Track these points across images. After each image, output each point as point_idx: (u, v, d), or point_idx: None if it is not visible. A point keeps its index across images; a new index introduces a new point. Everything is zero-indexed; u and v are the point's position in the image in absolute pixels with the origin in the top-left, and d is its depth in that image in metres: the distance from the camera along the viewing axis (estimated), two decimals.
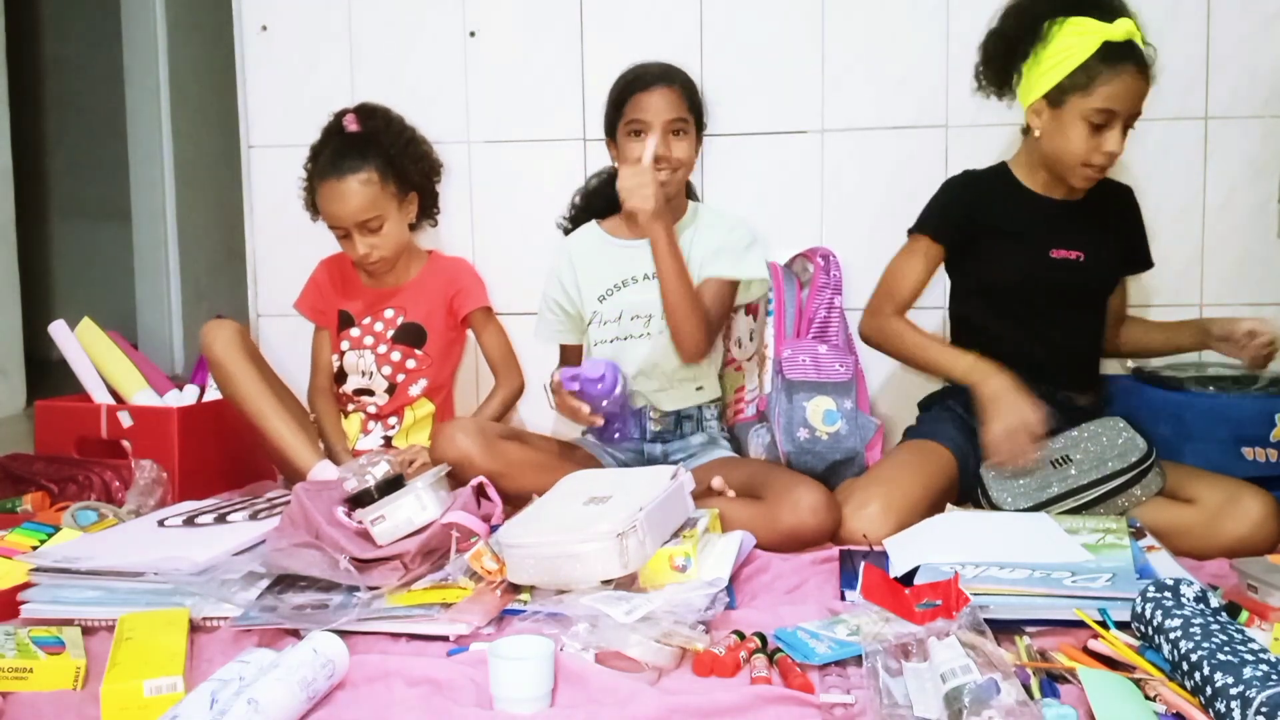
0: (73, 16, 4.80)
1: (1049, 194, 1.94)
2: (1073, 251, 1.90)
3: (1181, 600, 1.21)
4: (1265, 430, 1.92)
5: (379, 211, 2.09)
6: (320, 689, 1.17)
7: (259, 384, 2.03)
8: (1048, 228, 1.91)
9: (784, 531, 1.72)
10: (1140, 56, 1.78)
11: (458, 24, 2.40)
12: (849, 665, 1.26)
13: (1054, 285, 1.90)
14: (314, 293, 2.27)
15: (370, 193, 2.08)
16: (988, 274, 1.95)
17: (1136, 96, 1.78)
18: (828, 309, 2.16)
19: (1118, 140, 1.79)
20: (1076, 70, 1.78)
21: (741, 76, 2.30)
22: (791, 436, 2.03)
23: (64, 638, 1.33)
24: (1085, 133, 1.79)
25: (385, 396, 2.19)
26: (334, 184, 2.07)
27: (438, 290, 2.21)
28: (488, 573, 1.46)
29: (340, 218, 2.08)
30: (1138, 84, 1.77)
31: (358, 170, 2.08)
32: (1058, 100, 1.81)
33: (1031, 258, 1.90)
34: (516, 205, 2.41)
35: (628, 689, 1.17)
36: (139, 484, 2.04)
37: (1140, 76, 1.78)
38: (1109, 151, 1.79)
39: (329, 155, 2.12)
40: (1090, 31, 1.77)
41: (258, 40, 2.48)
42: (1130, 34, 1.77)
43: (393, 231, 2.13)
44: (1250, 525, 1.65)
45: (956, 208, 1.97)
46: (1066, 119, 1.81)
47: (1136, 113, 1.80)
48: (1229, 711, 1.02)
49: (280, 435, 2.01)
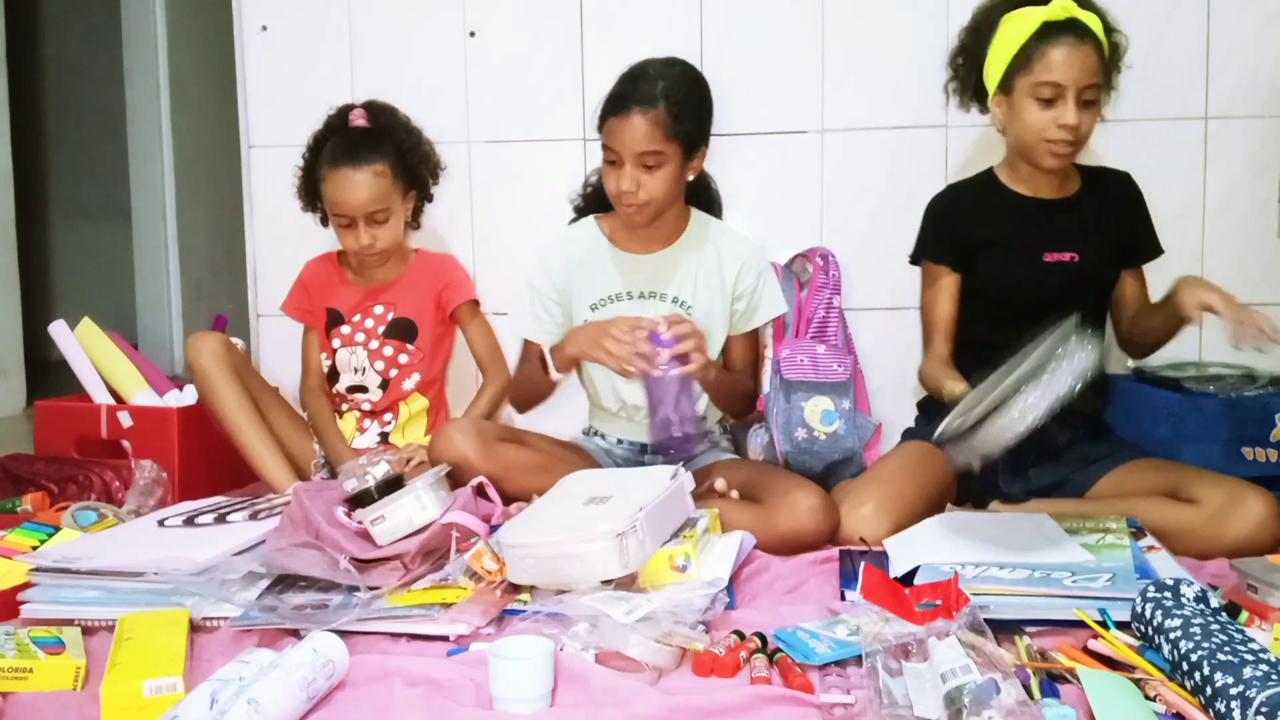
0: (73, 16, 4.80)
1: (1038, 194, 1.91)
2: (1066, 253, 1.88)
3: (1182, 600, 1.21)
4: (1265, 430, 1.92)
5: (387, 204, 2.11)
6: (320, 689, 1.17)
7: (240, 399, 2.05)
8: (1039, 231, 1.89)
9: (782, 534, 1.71)
10: (1080, 28, 1.77)
11: (458, 24, 2.40)
12: (849, 665, 1.26)
13: (1049, 289, 1.87)
14: (300, 294, 2.28)
15: (382, 185, 2.10)
16: (982, 283, 1.93)
17: (1079, 65, 1.76)
18: (826, 309, 2.16)
19: (1072, 112, 1.77)
20: (1017, 54, 1.80)
21: (741, 76, 2.30)
22: (789, 436, 2.03)
23: (64, 638, 1.33)
24: (1036, 109, 1.80)
25: (379, 392, 2.19)
26: (348, 172, 2.08)
27: (427, 285, 2.22)
28: (488, 573, 1.46)
29: (351, 206, 2.09)
30: (1077, 53, 1.76)
31: (373, 161, 2.09)
32: (1008, 87, 1.83)
33: (1024, 264, 1.89)
34: (516, 205, 2.41)
35: (628, 689, 1.17)
36: (139, 484, 2.04)
37: (1080, 45, 1.76)
38: (1065, 124, 1.78)
39: (340, 144, 2.13)
40: (1029, 17, 1.79)
41: (258, 40, 2.48)
42: (1067, 11, 1.78)
43: (395, 226, 2.14)
44: (1253, 526, 1.64)
45: (944, 227, 1.96)
46: (1018, 102, 1.82)
47: (1089, 84, 1.77)
48: (1229, 711, 1.02)
49: (256, 453, 2.04)
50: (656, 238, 1.96)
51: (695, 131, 1.87)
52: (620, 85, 1.86)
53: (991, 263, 1.91)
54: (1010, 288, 1.90)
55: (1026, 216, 1.91)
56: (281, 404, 2.21)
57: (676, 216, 1.96)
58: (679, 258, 1.96)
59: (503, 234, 2.42)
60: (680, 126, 1.82)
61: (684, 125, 1.82)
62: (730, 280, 1.96)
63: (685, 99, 1.84)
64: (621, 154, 1.82)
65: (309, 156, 2.20)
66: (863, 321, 2.26)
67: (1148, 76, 2.13)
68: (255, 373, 2.19)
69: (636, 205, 1.85)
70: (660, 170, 1.83)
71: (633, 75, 1.86)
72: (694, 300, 1.95)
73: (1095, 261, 1.90)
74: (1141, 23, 2.15)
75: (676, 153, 1.84)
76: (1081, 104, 1.77)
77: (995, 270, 1.91)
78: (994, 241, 1.90)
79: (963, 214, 1.95)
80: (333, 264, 2.27)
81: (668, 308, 1.93)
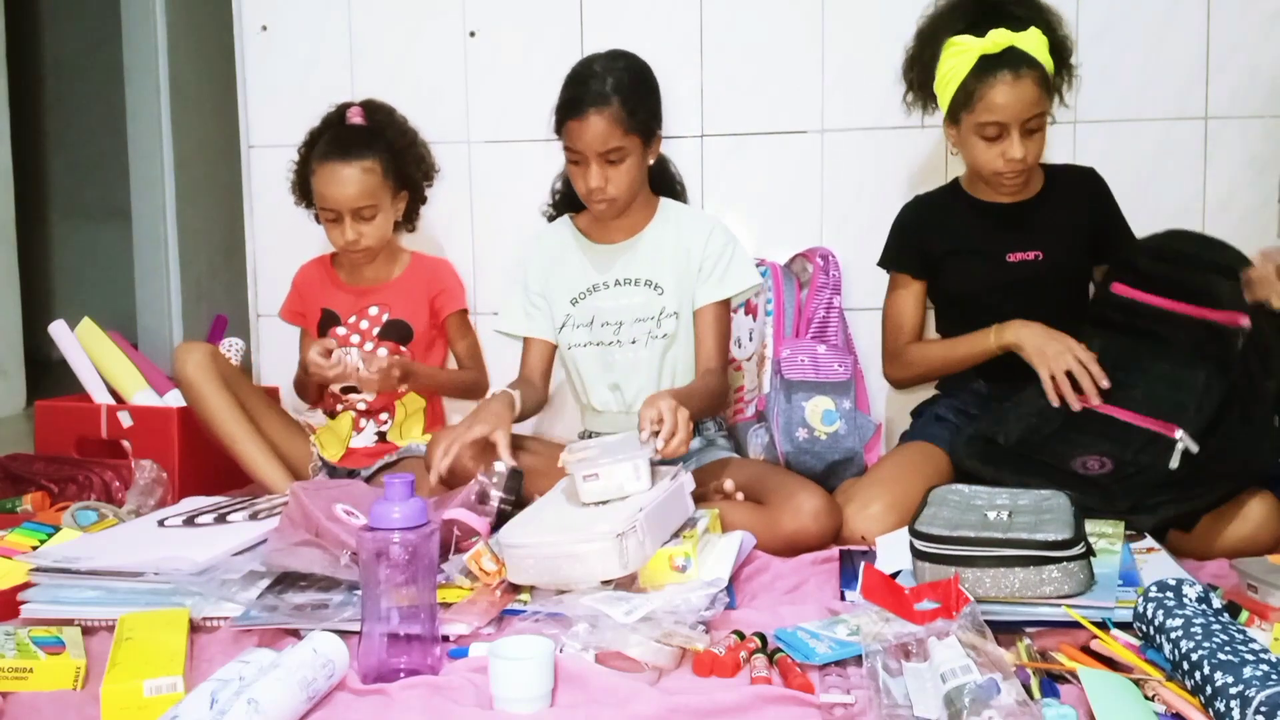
0: (73, 16, 4.80)
1: (1000, 199, 1.95)
2: (1030, 252, 1.92)
3: (1183, 600, 1.21)
4: None
5: (375, 201, 2.11)
6: (320, 689, 1.17)
7: (229, 407, 2.04)
8: (1001, 233, 1.94)
9: (786, 536, 1.72)
10: (1016, 58, 1.78)
11: (458, 24, 2.40)
12: (849, 665, 1.25)
13: (1016, 288, 1.91)
14: (294, 298, 2.29)
15: (371, 181, 2.10)
16: (951, 288, 1.99)
17: (1018, 101, 1.78)
18: (826, 309, 2.16)
19: (1017, 146, 1.81)
20: (958, 91, 1.82)
21: (741, 76, 2.30)
22: (790, 436, 2.03)
23: (64, 638, 1.33)
24: (983, 146, 1.84)
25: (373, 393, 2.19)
26: (337, 166, 2.09)
27: (422, 290, 2.23)
28: (486, 573, 1.46)
29: (338, 201, 2.09)
30: (1015, 89, 1.78)
31: (363, 157, 2.10)
32: (955, 119, 1.87)
33: (988, 266, 1.93)
34: (517, 205, 2.40)
35: (628, 689, 1.17)
36: (139, 484, 2.04)
37: (1019, 81, 1.78)
38: (1011, 159, 1.81)
39: (332, 139, 2.14)
40: (966, 49, 1.81)
41: (258, 40, 2.48)
42: (1003, 44, 1.79)
43: (382, 224, 2.15)
44: (1253, 526, 1.64)
45: (908, 236, 2.02)
46: (965, 136, 1.87)
47: (1032, 115, 1.80)
48: (1228, 711, 1.02)
49: (250, 458, 2.03)
50: (625, 227, 2.01)
51: (650, 119, 1.92)
52: (572, 88, 1.89)
53: (956, 268, 1.97)
54: (979, 290, 1.95)
55: (989, 221, 1.96)
56: (275, 408, 2.21)
57: (643, 205, 2.01)
58: (647, 243, 2.00)
59: (503, 234, 2.42)
60: (636, 119, 1.87)
61: (639, 116, 1.88)
62: (697, 253, 1.98)
63: (635, 91, 1.88)
64: (585, 154, 1.87)
65: (304, 151, 2.21)
66: (863, 321, 2.26)
67: (1148, 76, 2.13)
68: (245, 380, 2.18)
69: (607, 201, 1.90)
70: (624, 164, 1.88)
71: (581, 77, 1.89)
72: (663, 282, 1.98)
73: (1061, 258, 1.93)
74: (1141, 23, 2.15)
75: (636, 144, 1.89)
76: (1026, 133, 1.81)
77: (959, 275, 1.97)
78: (957, 249, 1.96)
79: (924, 225, 2.01)
80: (325, 266, 2.28)
81: (641, 292, 1.98)
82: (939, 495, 1.52)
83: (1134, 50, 2.06)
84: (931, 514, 1.44)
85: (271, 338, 2.50)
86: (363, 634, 1.27)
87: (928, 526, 1.39)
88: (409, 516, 1.25)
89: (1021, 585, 1.33)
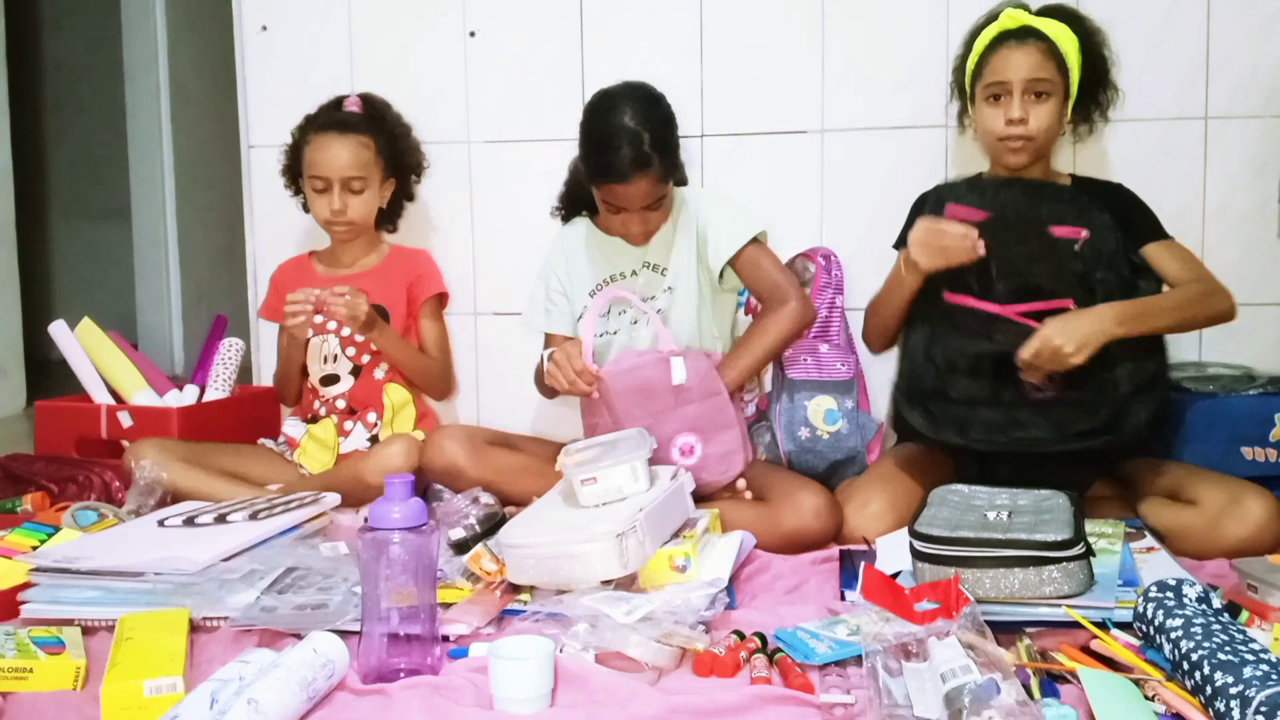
0: (73, 16, 4.80)
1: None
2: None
3: (1184, 600, 1.21)
4: (1265, 430, 1.92)
5: (365, 174, 2.16)
6: (320, 689, 1.17)
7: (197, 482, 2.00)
8: None
9: (786, 534, 1.72)
10: (1024, 32, 1.83)
11: (458, 24, 2.40)
12: (849, 665, 1.26)
13: None
14: (272, 295, 2.32)
15: (365, 155, 2.16)
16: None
17: (1020, 61, 1.82)
18: (829, 308, 2.16)
19: (1017, 106, 1.82)
20: (975, 67, 1.89)
21: (741, 76, 2.30)
22: (792, 436, 2.03)
23: (64, 638, 1.33)
24: (988, 111, 1.87)
25: (350, 379, 2.20)
26: (333, 136, 2.15)
27: (400, 277, 2.26)
28: (486, 574, 1.46)
29: (330, 168, 2.13)
30: (1018, 51, 1.83)
31: (360, 133, 2.17)
32: (973, 98, 1.91)
33: None
34: (516, 205, 2.40)
35: (628, 689, 1.17)
36: (139, 484, 2.03)
37: (1022, 45, 1.83)
38: (1011, 118, 1.83)
39: (329, 114, 2.21)
40: (988, 33, 1.87)
41: (258, 40, 2.48)
42: (1016, 21, 1.84)
43: (369, 200, 2.19)
44: (1253, 526, 1.63)
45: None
46: (978, 108, 1.91)
47: (1034, 78, 1.82)
48: (1228, 711, 1.02)
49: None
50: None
51: (677, 155, 2.00)
52: (609, 152, 1.87)
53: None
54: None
55: None
56: (256, 451, 2.19)
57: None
58: (661, 233, 2.04)
59: (503, 234, 2.42)
60: (672, 167, 1.96)
61: (671, 161, 1.95)
62: (702, 225, 2.02)
63: (666, 139, 1.93)
64: (629, 207, 1.94)
65: (298, 135, 2.24)
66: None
67: (1148, 76, 2.13)
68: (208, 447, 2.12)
69: (645, 234, 2.01)
70: (661, 202, 1.97)
71: (615, 138, 1.86)
72: (669, 263, 2.03)
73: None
74: (1141, 23, 2.15)
75: (670, 190, 1.99)
76: (1031, 97, 1.82)
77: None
78: None
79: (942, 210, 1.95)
80: (301, 262, 2.32)
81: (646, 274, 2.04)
82: (939, 495, 1.52)
83: (1134, 50, 2.05)
84: (931, 514, 1.44)
85: (271, 338, 2.49)
86: (363, 634, 1.27)
87: (927, 527, 1.39)
88: (409, 516, 1.25)
89: (1021, 585, 1.33)
